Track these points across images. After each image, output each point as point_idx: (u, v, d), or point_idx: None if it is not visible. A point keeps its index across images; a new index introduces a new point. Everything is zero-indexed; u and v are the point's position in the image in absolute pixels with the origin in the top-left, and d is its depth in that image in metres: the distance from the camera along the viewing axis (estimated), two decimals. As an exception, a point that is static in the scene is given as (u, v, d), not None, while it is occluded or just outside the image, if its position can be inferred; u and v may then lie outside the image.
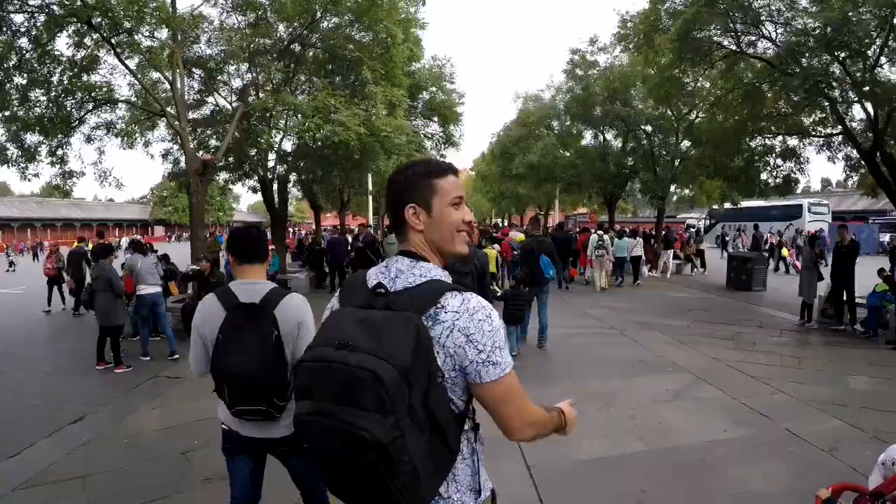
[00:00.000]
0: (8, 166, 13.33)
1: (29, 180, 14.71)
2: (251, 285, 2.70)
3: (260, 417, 2.57)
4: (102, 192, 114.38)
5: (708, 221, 42.28)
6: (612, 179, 24.26)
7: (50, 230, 57.27)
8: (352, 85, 13.71)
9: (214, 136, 15.97)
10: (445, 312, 1.36)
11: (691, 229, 34.26)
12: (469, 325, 1.35)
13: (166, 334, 9.34)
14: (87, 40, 12.26)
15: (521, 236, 15.26)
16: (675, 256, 20.94)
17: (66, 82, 12.53)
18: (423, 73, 18.83)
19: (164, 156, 17.42)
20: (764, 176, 15.56)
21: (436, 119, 20.43)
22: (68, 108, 13.14)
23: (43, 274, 14.20)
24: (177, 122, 12.41)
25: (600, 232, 16.81)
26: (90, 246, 16.58)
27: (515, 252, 13.20)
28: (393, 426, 1.21)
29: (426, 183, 1.50)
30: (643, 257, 18.57)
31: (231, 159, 16.65)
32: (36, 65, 11.97)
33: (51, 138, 13.26)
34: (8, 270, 28.69)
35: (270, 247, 17.27)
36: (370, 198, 28.20)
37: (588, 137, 27.16)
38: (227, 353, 2.53)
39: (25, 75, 12.15)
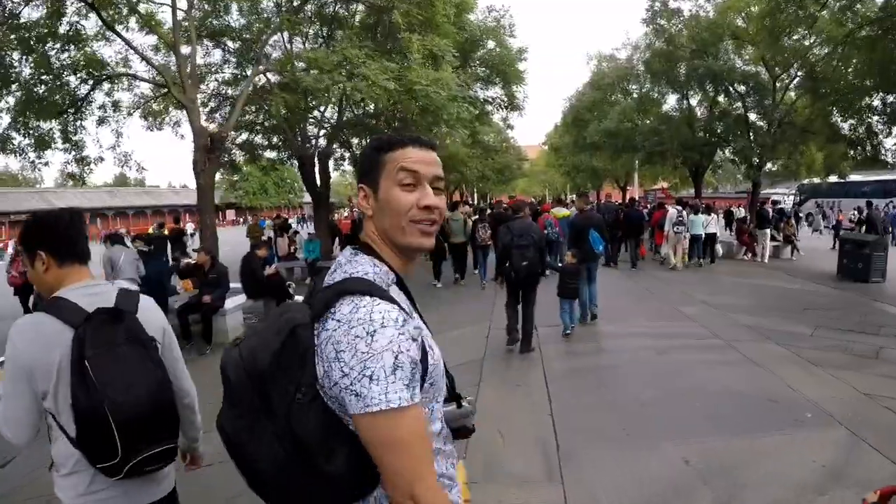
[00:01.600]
0: (16, 156, 12.33)
1: (39, 169, 13.65)
2: (91, 289, 1.98)
3: (162, 464, 1.99)
4: (176, 180, 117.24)
5: (798, 198, 37.49)
6: (700, 148, 21.37)
7: (120, 218, 58.37)
8: (391, 40, 11.52)
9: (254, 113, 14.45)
10: (332, 320, 1.14)
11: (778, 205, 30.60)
12: (342, 339, 1.11)
13: None
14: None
15: (564, 212, 15.38)
16: (772, 238, 18.01)
17: (63, 57, 11.31)
18: (475, 27, 16.19)
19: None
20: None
21: (496, 80, 17.74)
22: (72, 85, 11.91)
23: (8, 284, 11.36)
24: (183, 95, 10.64)
25: (678, 207, 15.73)
26: (166, 231, 17.16)
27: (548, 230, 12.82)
28: (237, 417, 1.22)
29: (373, 158, 1.31)
30: (718, 234, 17.13)
31: (275, 138, 15.17)
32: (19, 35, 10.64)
33: (63, 121, 12.20)
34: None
35: (299, 229, 16.25)
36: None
37: (671, 102, 24.22)
38: (104, 385, 1.79)
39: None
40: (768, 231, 17.36)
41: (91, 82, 12.08)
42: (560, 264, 9.39)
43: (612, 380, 6.41)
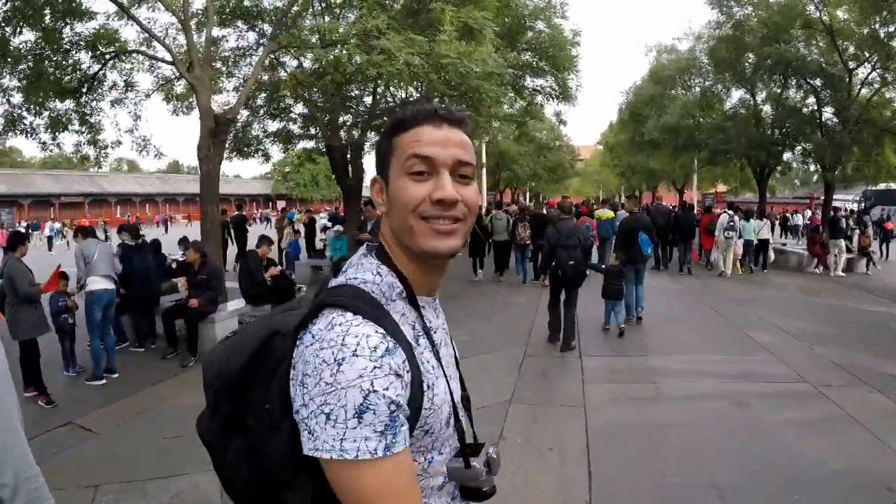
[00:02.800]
0: (26, 136, 11.57)
1: (50, 151, 13.00)
2: None
3: None
4: (230, 169, 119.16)
5: (862, 204, 34.54)
6: (767, 147, 19.65)
7: (170, 205, 59.33)
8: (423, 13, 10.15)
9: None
10: (308, 334, 0.93)
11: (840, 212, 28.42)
12: (310, 360, 0.90)
13: (107, 345, 6.93)
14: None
15: (608, 213, 15.45)
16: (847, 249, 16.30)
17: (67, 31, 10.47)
18: (522, 4, 14.52)
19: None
20: None
21: (545, 65, 16.07)
22: (81, 62, 11.10)
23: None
24: (189, 73, 9.58)
25: (730, 212, 15.19)
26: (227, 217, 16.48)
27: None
28: (210, 418, 1.12)
29: (385, 143, 1.07)
30: (770, 240, 16.88)
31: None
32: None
33: (78, 102, 11.48)
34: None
35: (333, 227, 15.34)
36: (483, 169, 24.70)
37: (735, 97, 22.47)
38: None
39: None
40: (842, 242, 15.70)
41: (99, 59, 11.20)
42: (603, 266, 9.40)
43: (675, 446, 4.87)
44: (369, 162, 16.31)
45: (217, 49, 13.62)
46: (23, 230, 8.49)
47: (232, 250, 16.49)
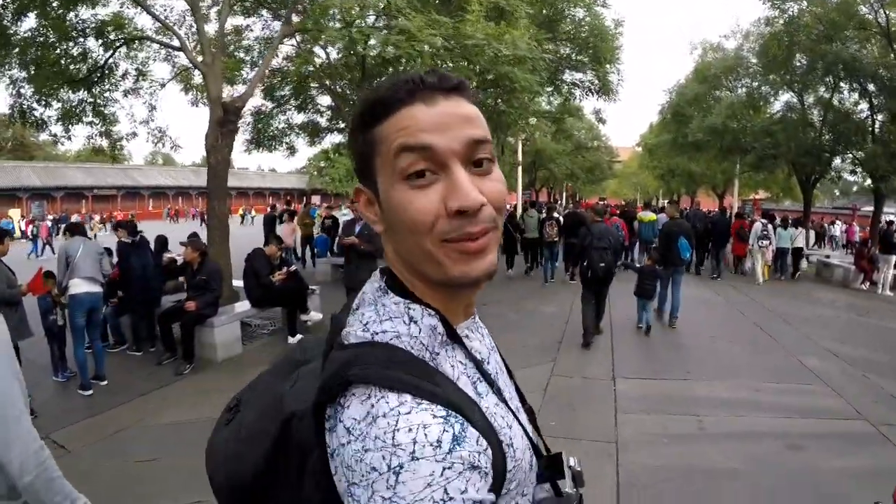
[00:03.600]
0: (37, 128, 11.47)
1: (62, 143, 12.83)
2: None
3: None
4: (266, 163, 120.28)
5: None
6: (817, 153, 18.44)
7: (203, 197, 59.81)
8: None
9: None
10: (340, 424, 0.69)
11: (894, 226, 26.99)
12: (355, 466, 0.66)
13: (94, 351, 6.45)
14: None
15: (650, 216, 15.64)
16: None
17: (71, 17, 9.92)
18: None
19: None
20: None
21: (585, 58, 15.01)
22: (90, 51, 10.64)
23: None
24: (196, 59, 9.01)
25: (763, 220, 15.46)
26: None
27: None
28: None
29: (361, 139, 0.79)
30: (804, 249, 16.79)
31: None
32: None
33: (89, 90, 11.05)
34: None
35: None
36: (518, 167, 23.82)
37: (783, 99, 21.17)
38: None
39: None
40: (893, 258, 14.43)
41: (109, 46, 10.69)
42: (639, 266, 9.43)
43: (720, 498, 4.08)
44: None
45: (240, 38, 13.11)
46: (5, 227, 8.06)
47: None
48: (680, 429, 5.29)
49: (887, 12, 15.69)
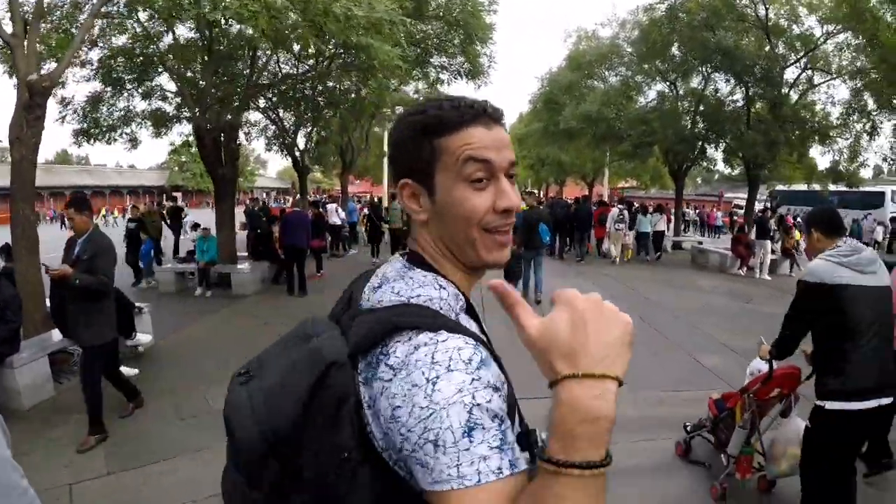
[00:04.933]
0: None
1: None
2: None
3: None
4: (125, 160, 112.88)
5: (769, 204, 34.85)
6: (693, 141, 18.81)
7: (53, 198, 54.74)
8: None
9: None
10: (385, 365, 0.80)
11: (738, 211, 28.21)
12: (398, 391, 0.77)
13: None
14: None
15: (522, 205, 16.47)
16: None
17: None
18: None
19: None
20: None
21: (454, 37, 13.78)
22: None
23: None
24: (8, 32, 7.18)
25: (622, 206, 17.44)
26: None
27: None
28: (246, 488, 0.88)
29: (420, 144, 0.93)
30: (665, 232, 18.83)
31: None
32: None
33: None
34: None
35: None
36: (385, 158, 22.86)
37: (657, 88, 21.41)
38: None
39: None
40: (768, 243, 14.93)
41: None
42: None
43: None
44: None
45: (75, 10, 11.06)
46: None
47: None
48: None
49: (767, 7, 16.12)
